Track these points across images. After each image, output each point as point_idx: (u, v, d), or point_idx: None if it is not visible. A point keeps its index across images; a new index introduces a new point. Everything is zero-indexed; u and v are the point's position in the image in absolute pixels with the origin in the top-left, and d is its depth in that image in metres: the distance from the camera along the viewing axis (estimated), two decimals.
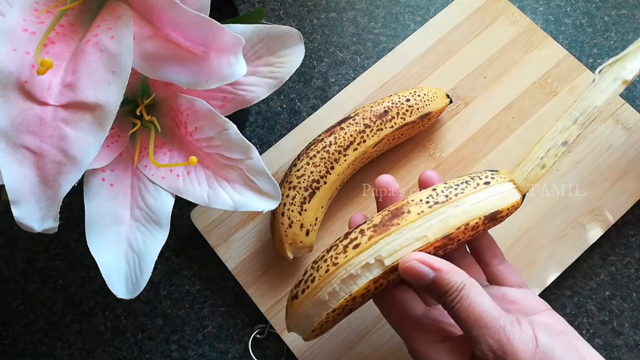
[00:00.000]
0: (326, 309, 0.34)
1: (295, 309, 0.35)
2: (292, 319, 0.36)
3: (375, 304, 0.37)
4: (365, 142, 0.46)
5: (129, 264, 0.34)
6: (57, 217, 0.30)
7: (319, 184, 0.45)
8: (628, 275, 0.48)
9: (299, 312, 0.35)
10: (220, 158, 0.35)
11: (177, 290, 0.49)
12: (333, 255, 0.35)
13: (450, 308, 0.32)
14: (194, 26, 0.30)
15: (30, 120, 0.30)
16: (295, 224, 0.45)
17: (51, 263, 0.50)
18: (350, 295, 0.34)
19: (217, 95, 0.36)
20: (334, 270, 0.34)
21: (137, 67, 0.31)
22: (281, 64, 0.35)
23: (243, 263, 0.48)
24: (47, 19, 0.31)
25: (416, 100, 0.48)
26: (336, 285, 0.34)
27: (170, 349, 0.48)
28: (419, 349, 0.34)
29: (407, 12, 0.56)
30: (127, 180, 0.36)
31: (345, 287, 0.34)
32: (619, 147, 0.50)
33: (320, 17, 0.56)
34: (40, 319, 0.49)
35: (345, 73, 0.54)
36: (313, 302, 0.35)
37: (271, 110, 0.53)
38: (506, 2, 0.54)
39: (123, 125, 0.36)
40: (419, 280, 0.32)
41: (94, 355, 0.48)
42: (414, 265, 0.32)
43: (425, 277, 0.32)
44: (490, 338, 0.30)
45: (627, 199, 0.48)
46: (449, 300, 0.32)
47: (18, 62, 0.30)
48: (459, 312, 0.31)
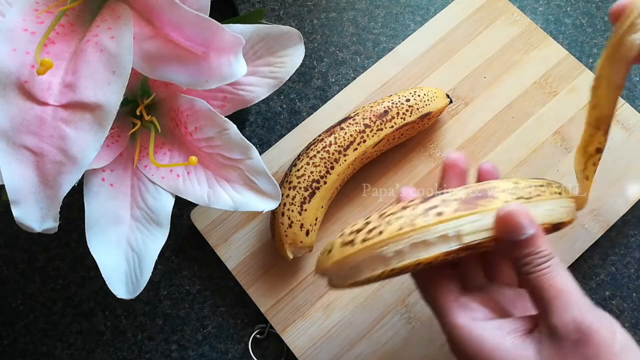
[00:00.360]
0: (385, 266, 0.33)
1: (346, 255, 0.33)
2: (335, 264, 0.34)
3: (414, 277, 0.36)
4: (365, 142, 0.46)
5: (129, 264, 0.34)
6: (57, 217, 0.30)
7: (319, 184, 0.45)
8: (628, 275, 0.48)
9: (349, 260, 0.33)
10: (220, 158, 0.35)
11: (177, 290, 0.49)
12: (410, 215, 0.33)
13: (533, 272, 0.31)
14: (194, 26, 0.30)
15: (30, 120, 0.30)
16: (295, 224, 0.45)
17: (51, 263, 0.50)
18: (417, 260, 0.32)
19: (217, 95, 0.36)
20: (408, 231, 0.32)
21: (137, 67, 0.31)
22: (281, 64, 0.35)
23: (243, 263, 0.48)
24: (47, 19, 0.31)
25: (416, 100, 0.48)
26: (406, 246, 0.32)
27: (170, 349, 0.48)
28: (462, 324, 0.32)
29: (407, 12, 0.56)
30: (127, 180, 0.36)
31: (415, 252, 0.32)
32: (619, 147, 0.50)
33: (320, 17, 0.56)
34: (40, 319, 0.49)
35: (345, 73, 0.54)
36: (372, 255, 0.33)
37: (271, 110, 0.53)
38: (506, 2, 0.54)
39: (123, 125, 0.36)
40: (515, 231, 0.31)
41: (94, 355, 0.48)
42: (518, 214, 0.31)
43: (523, 230, 0.31)
44: (575, 310, 0.30)
45: (627, 199, 0.48)
46: (537, 263, 0.31)
47: (18, 62, 0.30)
48: (543, 278, 0.30)
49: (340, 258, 0.34)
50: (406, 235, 0.33)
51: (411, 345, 0.46)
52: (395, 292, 0.47)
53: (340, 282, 0.35)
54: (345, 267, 0.34)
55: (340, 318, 0.46)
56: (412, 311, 0.46)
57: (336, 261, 0.34)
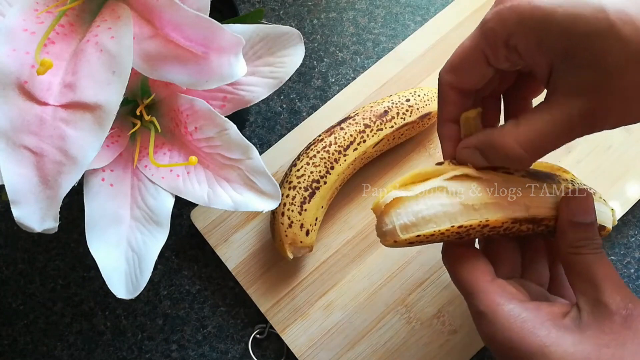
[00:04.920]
0: (452, 222, 0.33)
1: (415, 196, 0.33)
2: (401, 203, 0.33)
3: (447, 259, 0.36)
4: (365, 142, 0.46)
5: (129, 264, 0.34)
6: (57, 217, 0.30)
7: (319, 184, 0.45)
8: (628, 275, 0.48)
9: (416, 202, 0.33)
10: (220, 158, 0.35)
11: (177, 290, 0.49)
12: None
13: (591, 253, 0.33)
14: (194, 26, 0.30)
15: (30, 120, 0.30)
16: (295, 224, 0.45)
17: (51, 263, 0.50)
18: (486, 220, 0.33)
19: (217, 95, 0.36)
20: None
21: (137, 67, 0.31)
22: (281, 64, 0.35)
23: (243, 263, 0.48)
24: (47, 19, 0.31)
25: (416, 100, 0.48)
26: (478, 203, 0.33)
27: (170, 349, 0.48)
28: (500, 302, 0.32)
29: (407, 12, 0.56)
30: (127, 180, 0.36)
31: (484, 211, 0.33)
32: (619, 147, 0.50)
33: (320, 17, 0.56)
34: (40, 319, 0.49)
35: (345, 73, 0.54)
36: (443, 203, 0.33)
37: (271, 110, 0.53)
38: None
39: (123, 125, 0.36)
40: (585, 214, 0.33)
41: (94, 355, 0.48)
42: (591, 199, 0.34)
43: (592, 214, 0.34)
44: (623, 290, 0.32)
45: (626, 199, 0.48)
46: (594, 246, 0.33)
47: (18, 62, 0.30)
48: (598, 260, 0.32)
49: (408, 196, 0.33)
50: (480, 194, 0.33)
51: (411, 345, 0.46)
52: (395, 292, 0.47)
53: (403, 233, 0.33)
54: (409, 212, 0.33)
55: (340, 318, 0.46)
56: (412, 311, 0.46)
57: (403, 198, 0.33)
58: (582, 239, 0.33)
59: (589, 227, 0.33)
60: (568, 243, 0.33)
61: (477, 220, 0.33)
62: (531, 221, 0.34)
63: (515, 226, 0.34)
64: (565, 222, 0.34)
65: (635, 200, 0.48)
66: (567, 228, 0.34)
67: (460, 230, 0.33)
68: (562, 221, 0.34)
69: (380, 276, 0.47)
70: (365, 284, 0.47)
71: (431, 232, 0.33)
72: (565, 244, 0.34)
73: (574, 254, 0.33)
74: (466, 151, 0.34)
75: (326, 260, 0.48)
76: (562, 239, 0.34)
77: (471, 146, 0.34)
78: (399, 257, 0.47)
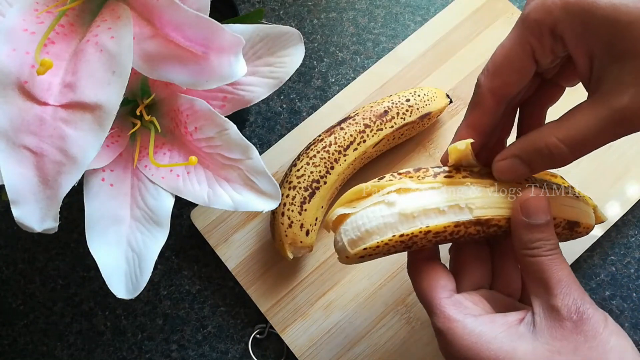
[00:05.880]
0: (394, 231, 0.33)
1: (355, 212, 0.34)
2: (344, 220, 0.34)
3: (410, 273, 0.36)
4: (365, 142, 0.46)
5: (129, 264, 0.34)
6: (57, 217, 0.30)
7: (319, 184, 0.45)
8: (628, 275, 0.48)
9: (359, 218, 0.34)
10: (220, 158, 0.35)
11: (177, 290, 0.49)
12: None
13: (543, 256, 0.32)
14: (194, 26, 0.30)
15: (30, 120, 0.30)
16: (295, 224, 0.45)
17: (51, 263, 0.50)
18: (427, 228, 0.33)
19: (217, 95, 0.36)
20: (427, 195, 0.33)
21: (137, 67, 0.31)
22: (281, 64, 0.35)
23: (243, 263, 0.48)
24: (47, 19, 0.31)
25: (416, 100, 0.48)
26: (417, 210, 0.33)
27: (170, 349, 0.48)
28: (455, 318, 0.32)
29: (407, 12, 0.56)
30: (127, 180, 0.36)
31: (425, 219, 0.33)
32: (619, 147, 0.50)
33: (320, 17, 0.56)
34: (40, 319, 0.49)
35: (345, 73, 0.54)
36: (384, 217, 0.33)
37: (271, 110, 0.53)
38: (506, 2, 0.54)
39: (123, 125, 0.36)
40: (539, 213, 0.32)
41: (94, 355, 0.48)
42: (543, 199, 0.33)
43: (547, 214, 0.32)
44: (576, 295, 0.31)
45: (627, 199, 0.48)
46: (548, 248, 0.32)
47: (18, 62, 0.30)
48: (551, 264, 0.32)
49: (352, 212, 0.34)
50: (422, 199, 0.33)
51: (411, 345, 0.46)
52: (395, 292, 0.47)
53: (351, 248, 0.34)
54: (354, 227, 0.34)
55: (340, 318, 0.46)
56: (412, 311, 0.46)
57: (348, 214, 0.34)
58: (536, 240, 0.32)
59: (543, 228, 0.32)
60: (522, 245, 0.33)
61: (418, 227, 0.33)
62: (477, 224, 0.33)
63: (462, 230, 0.33)
64: (518, 223, 0.33)
65: (635, 200, 0.48)
66: (519, 229, 0.33)
67: (404, 239, 0.33)
68: (514, 222, 0.33)
69: (380, 276, 0.47)
70: (365, 284, 0.47)
71: (376, 243, 0.33)
72: (519, 245, 0.33)
73: (528, 256, 0.32)
74: (504, 163, 0.33)
75: (326, 260, 0.48)
76: (516, 241, 0.33)
77: (510, 156, 0.33)
78: (398, 257, 0.47)
